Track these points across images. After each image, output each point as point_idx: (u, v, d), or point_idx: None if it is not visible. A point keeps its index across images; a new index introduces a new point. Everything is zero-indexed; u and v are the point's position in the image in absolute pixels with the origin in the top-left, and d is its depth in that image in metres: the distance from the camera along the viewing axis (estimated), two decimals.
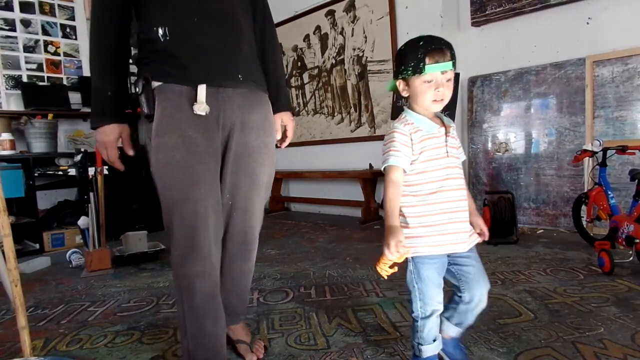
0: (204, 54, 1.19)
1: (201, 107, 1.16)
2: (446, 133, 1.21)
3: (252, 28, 1.35)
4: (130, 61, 1.29)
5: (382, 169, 1.23)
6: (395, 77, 1.22)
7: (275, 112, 1.45)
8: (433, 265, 1.22)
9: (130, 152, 1.25)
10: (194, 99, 1.16)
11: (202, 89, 1.17)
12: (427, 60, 1.12)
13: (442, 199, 1.18)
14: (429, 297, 1.24)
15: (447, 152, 1.20)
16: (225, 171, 1.29)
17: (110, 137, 1.21)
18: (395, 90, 1.25)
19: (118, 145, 1.26)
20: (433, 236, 1.19)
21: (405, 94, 1.21)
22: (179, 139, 1.14)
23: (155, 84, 1.19)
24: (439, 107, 1.18)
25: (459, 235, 1.20)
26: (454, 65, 1.14)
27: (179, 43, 1.18)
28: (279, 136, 1.49)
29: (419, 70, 1.13)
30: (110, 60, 1.21)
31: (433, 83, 1.14)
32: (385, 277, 1.18)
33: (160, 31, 1.18)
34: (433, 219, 1.18)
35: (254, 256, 1.50)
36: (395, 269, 1.16)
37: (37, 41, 4.01)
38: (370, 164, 4.13)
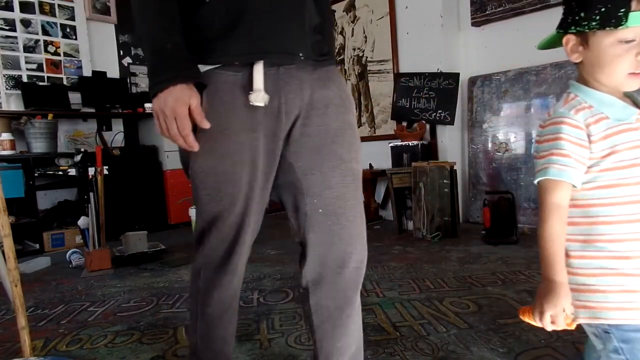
0: (260, 23, 0.94)
1: (259, 97, 0.92)
2: None
3: None
4: None
5: (535, 182, 0.80)
6: (563, 28, 0.80)
7: None
8: None
9: (207, 124, 0.90)
10: (249, 87, 0.93)
11: (258, 72, 0.93)
12: (634, 4, 0.69)
13: None
14: None
15: None
16: (301, 170, 1.01)
17: (181, 102, 0.87)
18: (549, 47, 0.87)
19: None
20: (628, 292, 0.72)
21: (576, 58, 0.79)
22: (230, 145, 0.94)
23: (202, 68, 0.94)
24: (636, 84, 0.75)
25: None
26: None
27: (227, 7, 0.93)
28: None
29: (615, 21, 0.70)
30: (167, 9, 0.91)
31: (636, 44, 0.71)
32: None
33: None
34: (627, 264, 0.72)
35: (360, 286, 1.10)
36: (572, 325, 0.75)
37: (37, 41, 4.01)
38: (370, 164, 4.13)
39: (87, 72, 4.25)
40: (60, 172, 3.65)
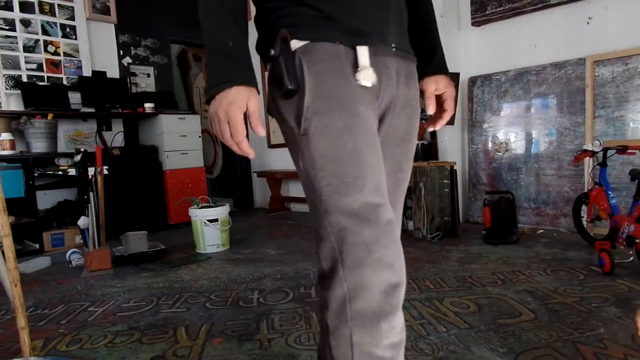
0: (357, 6, 0.85)
1: (368, 75, 0.81)
2: None
3: None
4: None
5: None
6: None
7: (427, 74, 1.02)
8: None
9: (262, 132, 0.81)
10: (355, 64, 0.83)
11: (363, 51, 0.83)
12: None
13: None
14: None
15: None
16: None
17: (234, 106, 0.78)
18: None
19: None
20: None
21: None
22: (349, 118, 0.80)
23: (296, 44, 0.82)
24: None
25: None
26: None
27: None
28: (431, 111, 1.03)
29: None
30: (231, 8, 0.82)
31: None
32: None
33: None
34: None
35: None
36: None
37: (37, 41, 4.01)
38: None
39: (87, 72, 4.25)
40: (60, 172, 3.65)
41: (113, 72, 4.49)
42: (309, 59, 0.81)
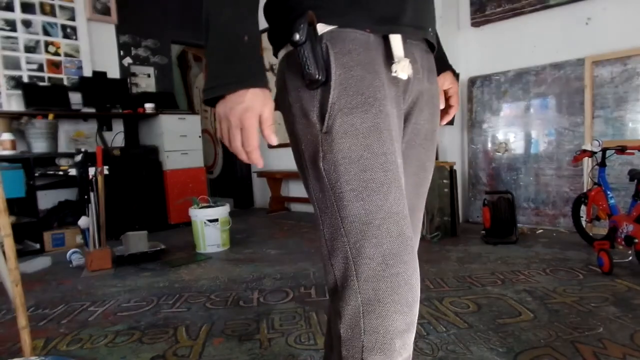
0: None
1: (405, 67, 0.75)
2: None
3: None
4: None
5: None
6: None
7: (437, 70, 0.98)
8: None
9: (274, 140, 0.71)
10: (386, 55, 0.76)
11: (396, 40, 0.75)
12: None
13: None
14: None
15: None
16: None
17: (250, 112, 0.69)
18: None
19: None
20: None
21: None
22: (377, 118, 0.72)
23: (323, 28, 0.73)
24: None
25: None
26: None
27: None
28: (443, 105, 1.00)
29: None
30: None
31: None
32: None
33: None
34: None
35: None
36: None
37: (37, 41, 4.01)
38: None
39: (87, 73, 4.25)
40: (61, 172, 3.66)
41: (113, 73, 4.49)
42: (337, 48, 0.73)
